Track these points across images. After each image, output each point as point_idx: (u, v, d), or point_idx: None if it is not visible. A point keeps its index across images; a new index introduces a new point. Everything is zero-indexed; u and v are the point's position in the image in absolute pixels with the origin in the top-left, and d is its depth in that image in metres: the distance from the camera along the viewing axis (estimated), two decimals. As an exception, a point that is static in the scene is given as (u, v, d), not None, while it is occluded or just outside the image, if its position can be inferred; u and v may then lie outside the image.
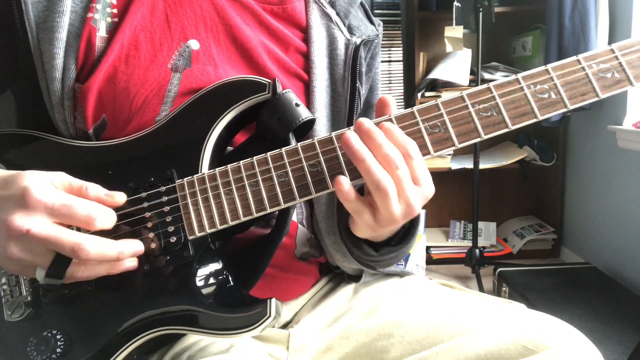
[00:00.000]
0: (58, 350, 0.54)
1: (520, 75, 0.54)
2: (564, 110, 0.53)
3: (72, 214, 0.49)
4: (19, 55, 0.61)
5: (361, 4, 0.79)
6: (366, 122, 0.51)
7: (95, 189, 0.53)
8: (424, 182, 0.52)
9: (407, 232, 0.63)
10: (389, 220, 0.51)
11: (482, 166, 2.32)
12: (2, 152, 0.61)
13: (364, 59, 0.74)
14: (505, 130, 0.53)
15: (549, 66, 0.54)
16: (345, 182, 0.51)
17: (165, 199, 0.56)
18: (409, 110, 0.54)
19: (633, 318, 1.59)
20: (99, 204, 0.52)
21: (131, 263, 0.53)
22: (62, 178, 0.52)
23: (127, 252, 0.52)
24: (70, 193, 0.51)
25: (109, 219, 0.52)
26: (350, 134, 0.51)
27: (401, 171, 0.50)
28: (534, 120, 0.53)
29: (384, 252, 0.63)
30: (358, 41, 0.72)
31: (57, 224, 0.49)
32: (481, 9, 2.08)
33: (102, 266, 0.51)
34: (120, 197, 0.54)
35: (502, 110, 0.53)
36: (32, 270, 0.50)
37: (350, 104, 0.70)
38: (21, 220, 0.47)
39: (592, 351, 0.57)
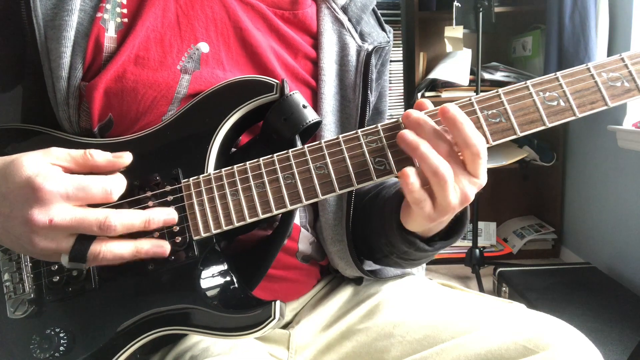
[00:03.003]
0: (61, 348, 0.54)
1: (529, 82, 0.53)
2: (573, 118, 0.53)
3: (88, 195, 0.49)
4: (26, 52, 0.60)
5: (373, 10, 0.78)
6: (414, 113, 0.52)
7: (101, 154, 0.52)
8: (482, 174, 0.52)
9: (452, 225, 0.62)
10: (446, 208, 0.52)
11: (482, 166, 2.32)
12: (4, 146, 0.61)
13: (375, 66, 0.73)
14: (514, 137, 0.53)
15: (559, 74, 0.53)
16: (412, 174, 0.51)
17: (170, 198, 0.56)
18: None
19: (633, 318, 1.59)
20: (107, 171, 0.52)
21: (159, 248, 0.53)
22: (57, 153, 0.51)
23: (156, 219, 0.52)
24: (74, 164, 0.51)
25: (122, 185, 0.52)
26: (405, 130, 0.52)
27: (452, 157, 0.51)
28: (543, 127, 0.53)
29: (438, 247, 0.63)
30: (370, 48, 0.71)
31: (76, 206, 0.49)
32: (481, 9, 2.08)
33: (126, 246, 0.51)
34: (128, 157, 0.54)
35: (510, 116, 0.53)
36: (58, 257, 0.50)
37: (361, 111, 0.70)
38: (41, 214, 0.47)
39: (592, 351, 0.57)
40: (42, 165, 0.49)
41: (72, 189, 0.48)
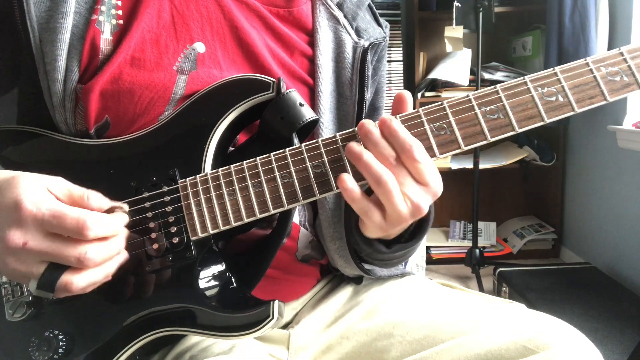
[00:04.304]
0: (60, 350, 0.54)
1: (527, 78, 0.53)
2: (572, 113, 0.52)
3: (60, 224, 0.46)
4: (21, 55, 0.60)
5: (369, 5, 0.77)
6: (365, 123, 0.52)
7: (98, 200, 0.50)
8: (431, 181, 0.51)
9: (416, 228, 0.63)
10: (397, 219, 0.51)
11: (482, 166, 2.32)
12: (1, 149, 0.60)
13: (371, 62, 0.73)
14: (512, 133, 0.53)
15: (557, 69, 0.53)
16: (348, 180, 0.51)
17: (167, 199, 0.56)
18: (414, 111, 0.54)
19: (633, 318, 1.59)
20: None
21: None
22: (59, 182, 0.49)
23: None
24: (69, 199, 0.49)
25: (105, 226, 0.48)
26: (352, 142, 0.51)
27: (398, 168, 0.50)
28: (541, 123, 0.52)
29: (395, 249, 0.63)
30: (366, 44, 0.71)
31: (51, 234, 0.47)
32: (481, 9, 2.08)
33: (98, 273, 0.49)
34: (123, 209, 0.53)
35: (509, 112, 0.52)
36: (27, 280, 0.48)
37: (358, 108, 0.69)
38: (16, 235, 0.46)
39: (592, 351, 0.57)
40: (37, 188, 0.48)
41: (47, 214, 0.46)
